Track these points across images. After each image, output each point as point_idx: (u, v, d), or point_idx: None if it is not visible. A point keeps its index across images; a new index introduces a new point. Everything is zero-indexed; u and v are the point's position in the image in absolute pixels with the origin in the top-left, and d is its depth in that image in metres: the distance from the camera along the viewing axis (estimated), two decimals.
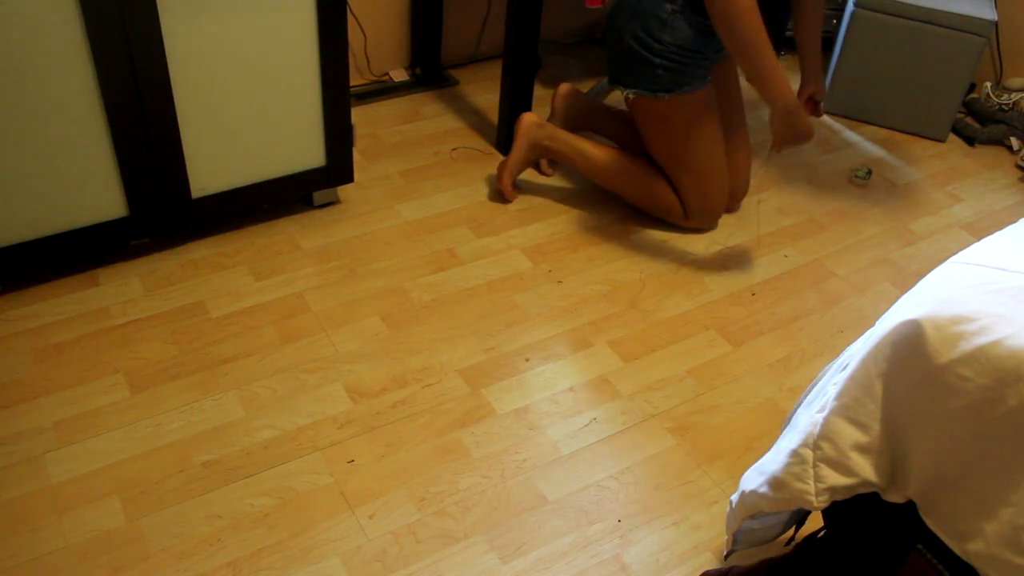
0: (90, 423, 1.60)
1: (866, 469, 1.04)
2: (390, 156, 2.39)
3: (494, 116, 2.59)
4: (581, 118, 2.35)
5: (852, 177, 2.51)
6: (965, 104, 2.85)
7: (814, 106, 2.11)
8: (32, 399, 1.63)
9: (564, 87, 2.35)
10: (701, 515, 1.55)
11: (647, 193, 2.18)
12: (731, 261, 2.15)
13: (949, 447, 0.96)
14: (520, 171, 2.26)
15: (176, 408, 1.64)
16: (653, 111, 2.06)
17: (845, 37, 2.68)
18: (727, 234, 2.24)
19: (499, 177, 2.24)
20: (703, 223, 2.21)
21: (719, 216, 2.21)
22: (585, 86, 2.77)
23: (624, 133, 2.31)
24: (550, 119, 2.36)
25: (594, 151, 2.20)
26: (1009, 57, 2.87)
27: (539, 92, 2.71)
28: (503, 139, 2.42)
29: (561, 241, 2.14)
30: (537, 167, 2.39)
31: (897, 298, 1.09)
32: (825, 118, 2.80)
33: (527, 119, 2.22)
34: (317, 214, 2.14)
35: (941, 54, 2.59)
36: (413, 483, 1.56)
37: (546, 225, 2.20)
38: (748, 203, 2.36)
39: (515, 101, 2.34)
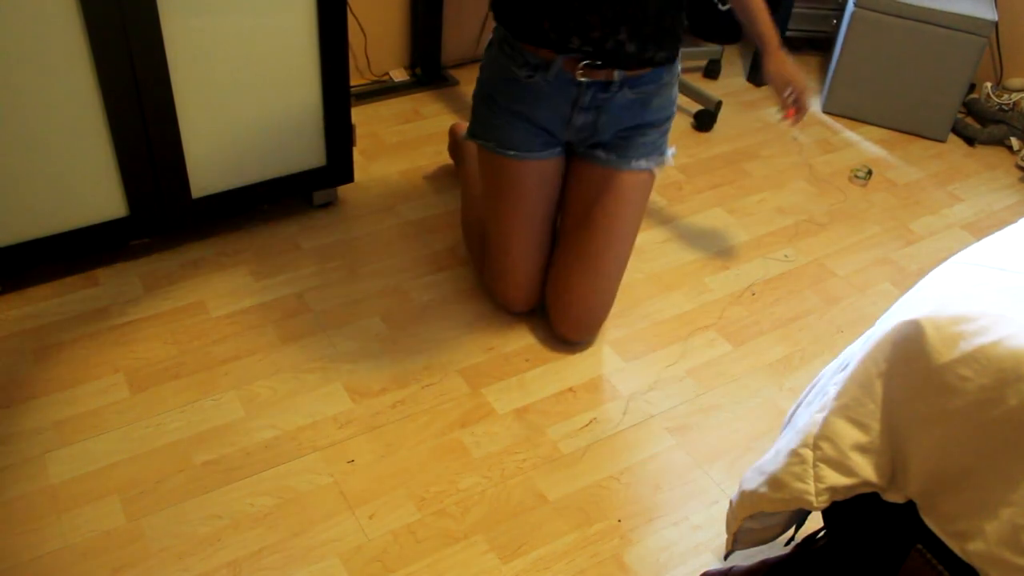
0: (90, 423, 1.60)
1: (866, 469, 1.04)
2: (390, 156, 2.39)
3: None
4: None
5: (852, 177, 2.51)
6: (965, 104, 2.85)
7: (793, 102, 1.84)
8: (32, 399, 1.63)
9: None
10: (701, 515, 1.55)
11: (480, 248, 1.94)
12: (731, 261, 2.15)
13: (949, 447, 0.96)
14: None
15: (176, 408, 1.64)
16: (476, 151, 1.82)
17: (845, 37, 2.68)
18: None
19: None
20: (500, 301, 1.89)
21: (513, 307, 1.87)
22: None
23: None
24: None
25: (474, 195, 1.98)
26: (1009, 57, 2.87)
27: None
28: None
29: None
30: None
31: (897, 298, 1.09)
32: (825, 118, 2.80)
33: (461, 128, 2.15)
34: (317, 214, 2.14)
35: (941, 54, 2.59)
36: (413, 483, 1.56)
37: None
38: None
39: None
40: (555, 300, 1.82)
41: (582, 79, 1.62)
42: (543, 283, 1.85)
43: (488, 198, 1.82)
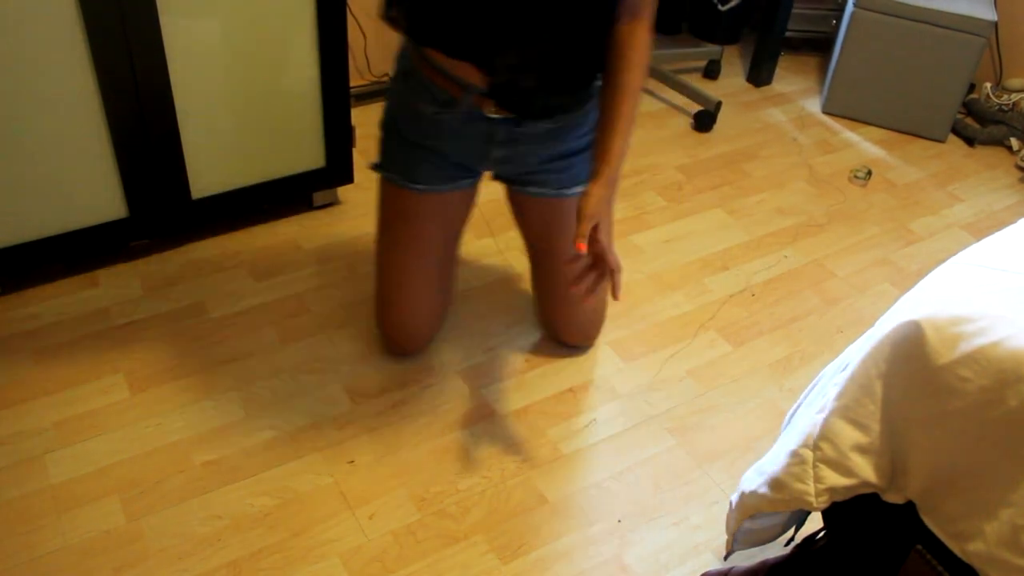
0: (90, 423, 1.60)
1: (866, 470, 1.04)
2: None
3: None
4: None
5: (852, 177, 2.51)
6: (965, 104, 2.85)
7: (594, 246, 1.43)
8: (32, 399, 1.63)
9: None
10: (701, 515, 1.55)
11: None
12: (731, 261, 2.15)
13: (949, 448, 0.96)
14: None
15: (176, 408, 1.64)
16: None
17: (845, 37, 2.68)
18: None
19: None
20: (386, 338, 1.78)
21: (398, 347, 1.76)
22: None
23: None
24: None
25: None
26: (1009, 57, 2.87)
27: None
28: None
29: None
30: None
31: (897, 298, 1.09)
32: (825, 118, 2.80)
33: None
34: (317, 215, 2.14)
35: (941, 54, 2.59)
36: (413, 483, 1.56)
37: None
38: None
39: None
40: (553, 319, 1.80)
41: (493, 116, 1.51)
42: (431, 326, 1.76)
43: (386, 229, 1.69)
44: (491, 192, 2.29)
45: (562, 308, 1.77)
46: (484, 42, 1.42)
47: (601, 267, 1.40)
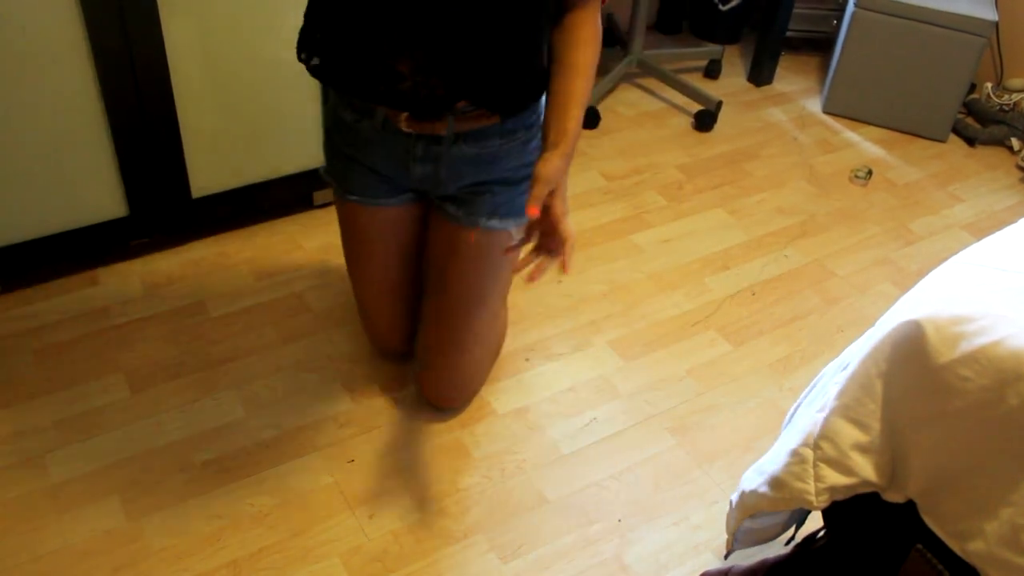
0: (90, 423, 1.60)
1: (866, 469, 1.04)
2: None
3: None
4: None
5: (852, 177, 2.51)
6: (965, 104, 2.85)
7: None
8: (32, 399, 1.63)
9: None
10: (701, 515, 1.55)
11: None
12: (731, 261, 2.15)
13: (949, 447, 0.96)
14: None
15: (176, 408, 1.64)
16: None
17: (845, 37, 2.68)
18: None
19: None
20: (375, 346, 1.77)
21: (381, 349, 1.76)
22: None
23: None
24: None
25: None
26: (1009, 57, 2.86)
27: None
28: None
29: None
30: None
31: (897, 298, 1.09)
32: (825, 118, 2.80)
33: None
34: (317, 214, 2.14)
35: (941, 54, 2.59)
36: (413, 483, 1.56)
37: None
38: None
39: None
40: (422, 367, 1.66)
41: (408, 131, 1.41)
42: (413, 325, 1.69)
43: (343, 241, 1.64)
44: None
45: (435, 356, 1.62)
46: (383, 43, 1.32)
47: (551, 243, 1.30)
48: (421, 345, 1.66)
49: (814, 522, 1.38)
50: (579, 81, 1.35)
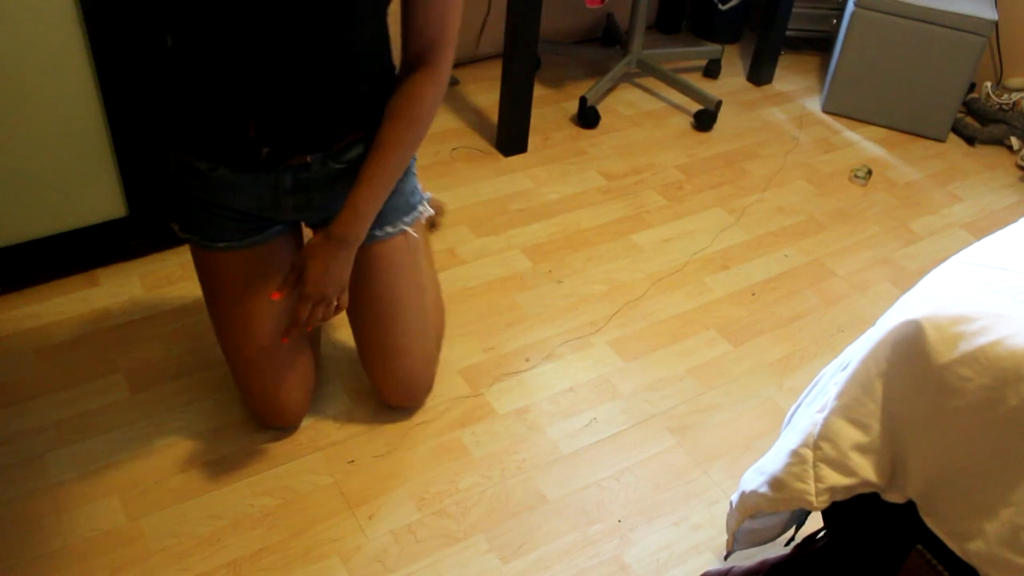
0: (90, 423, 1.60)
1: (866, 469, 1.04)
2: None
3: (494, 116, 2.59)
4: None
5: (852, 177, 2.51)
6: (965, 104, 2.85)
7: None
8: (32, 399, 1.63)
9: None
10: (701, 515, 1.55)
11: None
12: (731, 261, 2.15)
13: (949, 447, 0.96)
14: None
15: (176, 408, 1.64)
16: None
17: (845, 37, 2.68)
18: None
19: None
20: (266, 421, 1.60)
21: (279, 423, 1.59)
22: (584, 86, 2.77)
23: None
24: None
25: None
26: (1009, 57, 2.87)
27: (539, 92, 2.71)
28: (503, 139, 2.42)
29: (561, 241, 2.14)
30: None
31: (897, 298, 1.09)
32: (825, 118, 2.80)
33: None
34: None
35: (941, 54, 2.59)
36: (413, 483, 1.56)
37: (546, 225, 2.19)
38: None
39: (515, 101, 2.34)
40: (370, 377, 1.64)
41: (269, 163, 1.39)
42: (305, 385, 1.59)
43: (211, 304, 1.52)
44: (488, 192, 2.29)
45: (378, 368, 1.60)
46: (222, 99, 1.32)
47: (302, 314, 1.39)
48: (362, 359, 1.62)
49: (814, 522, 1.38)
50: (378, 158, 1.37)
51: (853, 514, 1.14)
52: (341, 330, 1.83)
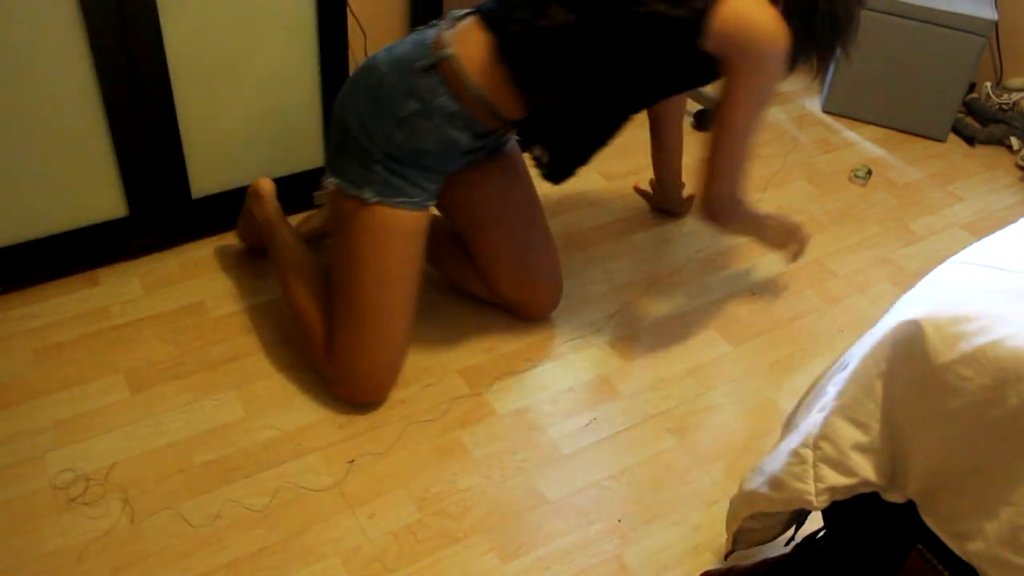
0: (90, 423, 1.60)
1: (866, 469, 1.04)
2: None
3: None
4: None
5: (852, 177, 2.51)
6: (965, 104, 2.85)
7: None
8: (32, 399, 1.63)
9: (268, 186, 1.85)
10: (701, 515, 1.55)
11: (299, 309, 1.71)
12: (731, 261, 2.15)
13: (949, 447, 0.96)
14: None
15: (176, 408, 1.64)
16: (349, 211, 1.58)
17: None
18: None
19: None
20: (340, 392, 1.66)
21: (365, 396, 1.66)
22: None
23: None
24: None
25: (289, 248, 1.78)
26: (1009, 57, 2.86)
27: None
28: None
29: (561, 241, 2.14)
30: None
31: (897, 298, 1.09)
32: (825, 118, 2.80)
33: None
34: (318, 214, 2.14)
35: (941, 54, 2.59)
36: (413, 483, 1.56)
37: None
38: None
39: None
40: (517, 303, 1.86)
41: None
42: (399, 365, 1.67)
43: (362, 262, 1.57)
44: None
45: (533, 259, 1.82)
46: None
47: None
48: (505, 285, 1.82)
49: (814, 522, 1.38)
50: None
51: (853, 514, 1.14)
52: None
